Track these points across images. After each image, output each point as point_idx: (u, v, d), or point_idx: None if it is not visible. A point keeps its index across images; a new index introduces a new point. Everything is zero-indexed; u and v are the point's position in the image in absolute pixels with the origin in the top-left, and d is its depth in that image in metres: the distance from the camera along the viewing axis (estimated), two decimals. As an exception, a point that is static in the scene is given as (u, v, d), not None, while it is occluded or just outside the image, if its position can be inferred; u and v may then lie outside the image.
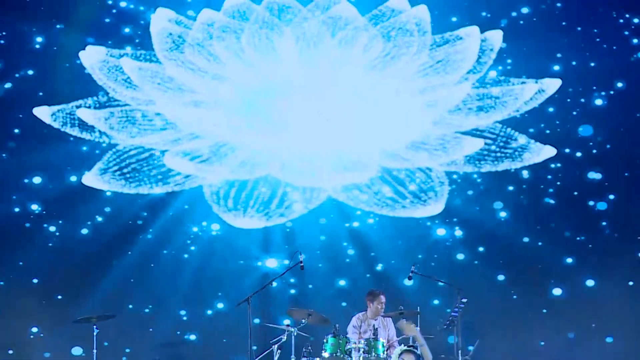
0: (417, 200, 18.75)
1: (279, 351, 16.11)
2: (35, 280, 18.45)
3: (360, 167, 18.85)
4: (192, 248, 18.78)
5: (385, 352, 15.79)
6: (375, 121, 18.79)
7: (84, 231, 18.58)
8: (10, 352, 18.21)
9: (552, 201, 18.74)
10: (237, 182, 18.77)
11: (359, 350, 15.73)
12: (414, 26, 18.94)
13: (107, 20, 18.97)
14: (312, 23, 18.93)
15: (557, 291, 18.22)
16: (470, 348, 16.74)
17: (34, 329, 18.25)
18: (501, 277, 18.38)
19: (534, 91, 18.74)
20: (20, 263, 18.53)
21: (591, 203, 18.73)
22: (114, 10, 19.02)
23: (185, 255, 18.72)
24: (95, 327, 16.63)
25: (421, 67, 18.95)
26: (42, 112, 18.71)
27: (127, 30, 18.95)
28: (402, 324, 14.86)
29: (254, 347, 17.31)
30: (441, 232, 18.72)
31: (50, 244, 18.61)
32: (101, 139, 18.64)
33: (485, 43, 18.99)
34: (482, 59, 19.00)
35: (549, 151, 18.71)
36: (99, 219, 18.58)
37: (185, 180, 18.75)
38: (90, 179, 18.63)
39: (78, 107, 18.70)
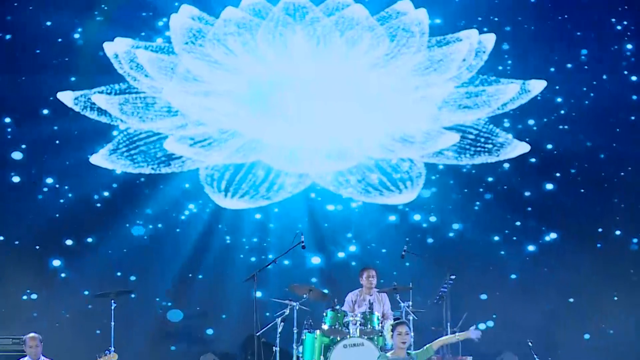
0: (394, 188, 18.71)
1: (282, 324, 16.29)
2: (37, 247, 18.49)
3: (345, 156, 18.81)
4: (183, 221, 18.78)
5: (380, 325, 15.95)
6: (368, 115, 18.76)
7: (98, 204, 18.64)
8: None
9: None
10: (232, 166, 18.77)
11: (356, 323, 15.90)
12: (415, 27, 18.93)
13: (139, 13, 18.96)
14: (323, 23, 18.94)
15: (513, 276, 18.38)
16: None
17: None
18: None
19: (516, 91, 18.72)
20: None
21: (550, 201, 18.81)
22: (145, 5, 19.03)
23: (178, 230, 18.75)
24: (113, 301, 16.61)
25: (417, 66, 18.92)
26: (66, 97, 18.68)
27: (158, 23, 18.98)
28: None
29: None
30: (417, 217, 18.75)
31: (57, 215, 18.69)
32: (115, 122, 18.69)
33: (478, 45, 18.93)
34: (474, 61, 18.92)
35: (523, 147, 18.71)
36: (106, 193, 18.63)
37: (183, 163, 18.74)
38: (98, 158, 18.64)
39: (100, 92, 18.77)
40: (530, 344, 15.95)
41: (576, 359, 18.17)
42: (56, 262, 18.60)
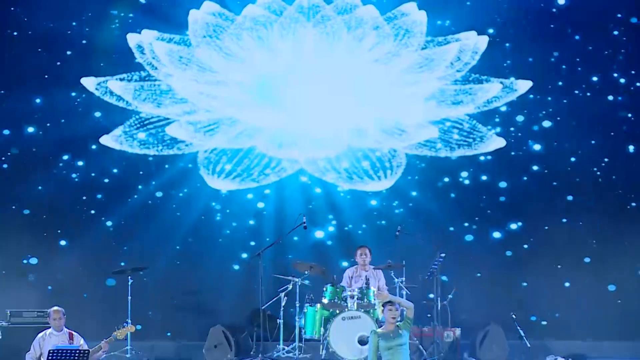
0: (375, 177, 18.64)
1: (285, 298, 16.54)
2: (44, 216, 18.50)
3: (335, 144, 18.71)
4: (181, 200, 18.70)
5: (375, 299, 16.01)
6: (361, 107, 18.66)
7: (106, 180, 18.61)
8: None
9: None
10: (229, 151, 18.69)
11: (353, 297, 16.08)
12: (416, 28, 18.84)
13: (165, 7, 18.86)
14: (333, 21, 18.80)
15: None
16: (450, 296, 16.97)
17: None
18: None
19: (499, 90, 18.60)
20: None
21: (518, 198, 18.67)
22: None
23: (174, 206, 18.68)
24: (129, 277, 16.85)
25: (413, 63, 18.81)
26: (89, 82, 18.66)
27: (180, 17, 18.84)
28: (379, 295, 15.14)
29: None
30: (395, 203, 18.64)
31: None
32: (130, 107, 18.66)
33: (472, 46, 18.77)
34: (466, 60, 18.80)
35: (500, 142, 18.59)
36: (115, 170, 18.60)
37: (186, 146, 18.66)
38: (108, 139, 18.61)
39: (121, 79, 18.72)
40: (513, 316, 16.22)
41: (553, 329, 18.04)
42: (63, 243, 18.53)
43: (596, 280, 18.28)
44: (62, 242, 18.50)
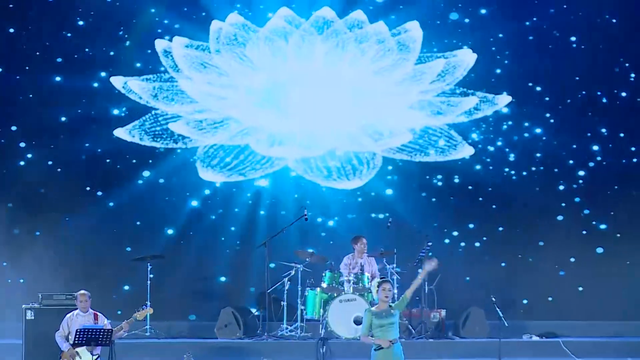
0: (352, 176, 18.62)
1: (288, 283, 16.74)
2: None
3: (319, 145, 18.65)
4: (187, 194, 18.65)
5: (369, 283, 16.22)
6: (353, 113, 18.62)
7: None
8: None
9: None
10: (227, 147, 18.63)
11: (349, 282, 16.32)
12: (413, 44, 18.77)
13: (190, 14, 18.74)
14: (342, 36, 18.76)
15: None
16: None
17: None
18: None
19: (475, 102, 18.56)
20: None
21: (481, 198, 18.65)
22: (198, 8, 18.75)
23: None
24: (149, 264, 16.92)
25: (407, 76, 18.78)
26: (117, 81, 18.56)
27: (203, 25, 18.74)
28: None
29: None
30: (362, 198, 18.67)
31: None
32: (148, 104, 18.58)
33: (459, 62, 18.72)
34: (455, 74, 18.73)
35: (469, 150, 18.63)
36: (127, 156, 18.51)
37: (190, 141, 18.59)
38: (120, 132, 18.52)
39: (147, 79, 18.62)
40: (493, 299, 15.96)
41: (531, 311, 18.10)
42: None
43: (554, 263, 18.45)
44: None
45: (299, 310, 16.73)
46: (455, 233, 18.59)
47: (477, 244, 18.54)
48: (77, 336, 13.97)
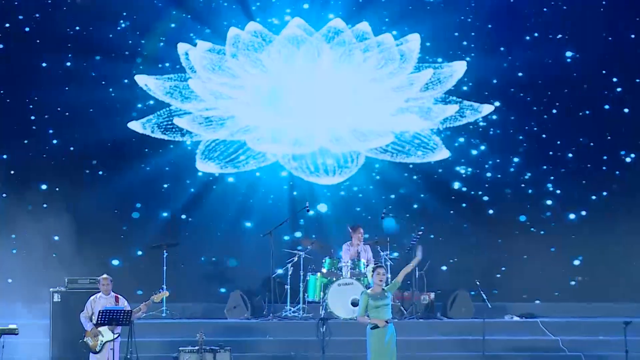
0: (332, 173, 18.48)
1: (291, 268, 16.86)
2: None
3: (308, 143, 18.55)
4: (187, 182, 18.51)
5: (365, 268, 16.36)
6: (343, 115, 18.51)
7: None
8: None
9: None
10: (227, 142, 18.51)
11: (347, 267, 16.42)
12: (409, 53, 18.60)
13: (213, 22, 18.61)
14: (349, 46, 18.65)
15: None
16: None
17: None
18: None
19: (455, 110, 18.43)
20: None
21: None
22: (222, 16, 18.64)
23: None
24: (165, 251, 17.05)
25: (401, 83, 18.65)
26: (141, 79, 18.47)
27: (220, 31, 18.59)
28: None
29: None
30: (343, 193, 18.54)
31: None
32: (162, 100, 18.45)
33: (449, 71, 18.56)
34: (445, 83, 18.57)
35: (445, 153, 18.52)
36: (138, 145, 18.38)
37: (195, 135, 18.46)
38: (134, 124, 18.41)
39: (169, 79, 18.54)
40: (477, 283, 16.40)
41: (512, 294, 17.99)
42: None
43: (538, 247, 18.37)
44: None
45: (301, 293, 16.84)
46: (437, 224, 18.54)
47: (464, 230, 18.55)
48: (100, 317, 14.05)
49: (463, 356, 15.79)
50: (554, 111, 18.64)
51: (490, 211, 18.63)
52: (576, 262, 18.38)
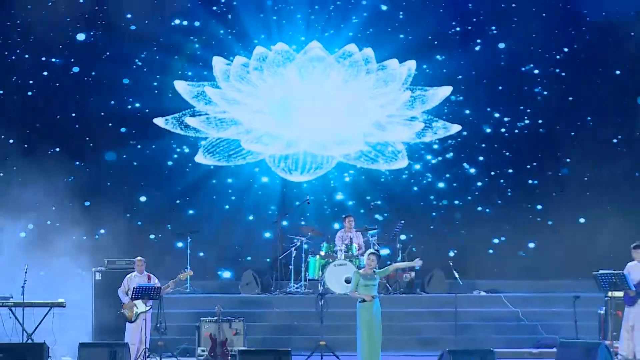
0: (300, 172, 18.26)
1: (295, 251, 16.87)
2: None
3: (292, 146, 18.29)
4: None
5: (357, 252, 16.36)
6: (328, 124, 18.28)
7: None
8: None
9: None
10: (225, 139, 18.27)
11: (341, 251, 16.48)
12: (405, 76, 18.32)
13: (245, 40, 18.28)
14: (356, 67, 18.36)
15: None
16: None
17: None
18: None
19: (422, 128, 18.22)
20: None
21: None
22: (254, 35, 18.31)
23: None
24: (189, 237, 17.04)
25: (397, 102, 18.39)
26: (179, 85, 18.24)
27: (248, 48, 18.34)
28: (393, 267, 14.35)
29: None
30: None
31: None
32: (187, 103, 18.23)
33: (431, 94, 18.31)
34: (431, 103, 18.33)
35: (404, 162, 18.29)
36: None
37: (200, 132, 18.23)
38: (159, 120, 18.13)
39: (202, 85, 18.23)
40: (451, 263, 16.26)
41: (480, 272, 17.74)
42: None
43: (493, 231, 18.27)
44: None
45: (302, 272, 16.84)
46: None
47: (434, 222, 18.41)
48: (134, 292, 14.18)
49: (439, 325, 15.82)
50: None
51: (458, 202, 18.54)
52: (531, 245, 18.33)
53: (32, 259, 15.22)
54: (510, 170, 18.47)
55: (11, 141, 17.90)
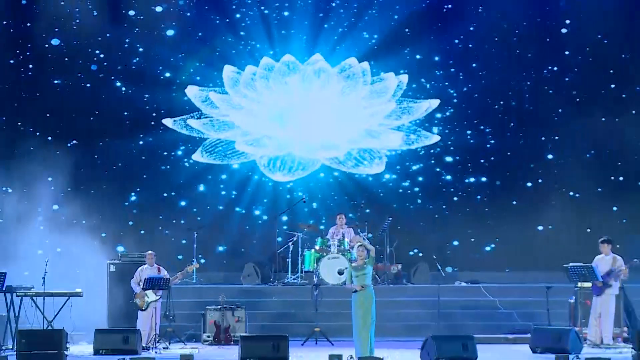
0: (284, 172, 18.22)
1: (292, 245, 16.90)
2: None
3: (280, 149, 18.19)
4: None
5: (349, 245, 16.22)
6: (317, 130, 18.13)
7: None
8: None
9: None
10: (223, 140, 18.18)
11: (334, 245, 16.45)
12: (395, 89, 18.21)
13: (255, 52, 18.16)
14: (356, 79, 18.25)
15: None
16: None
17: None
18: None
19: (402, 139, 18.14)
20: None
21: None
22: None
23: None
24: (195, 232, 16.95)
25: (384, 112, 18.29)
26: (191, 91, 18.11)
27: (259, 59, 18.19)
28: (354, 239, 14.72)
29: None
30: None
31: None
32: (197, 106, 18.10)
33: (423, 107, 18.19)
34: (416, 115, 18.22)
35: (380, 168, 18.19)
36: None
37: (203, 134, 18.10)
38: (168, 120, 17.91)
39: (212, 91, 18.15)
40: (434, 257, 16.30)
41: (461, 265, 17.84)
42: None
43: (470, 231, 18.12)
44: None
45: (299, 264, 16.84)
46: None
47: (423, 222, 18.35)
48: (146, 282, 14.37)
49: (423, 313, 15.87)
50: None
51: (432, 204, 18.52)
52: (498, 241, 18.24)
53: (53, 248, 15.38)
54: (483, 179, 18.38)
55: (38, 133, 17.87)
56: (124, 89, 18.04)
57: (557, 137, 18.18)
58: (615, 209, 17.75)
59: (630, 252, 14.59)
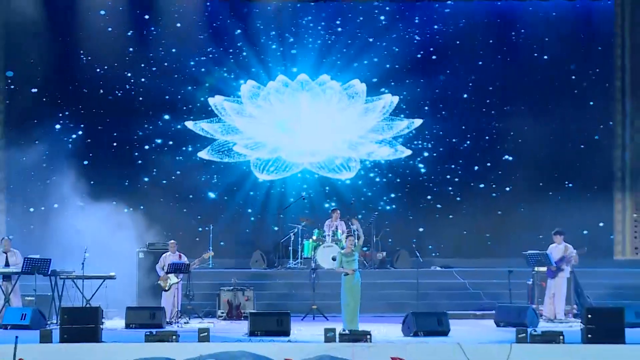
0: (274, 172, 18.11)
1: (293, 236, 16.87)
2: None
3: (268, 153, 18.07)
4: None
5: (341, 236, 16.18)
6: (307, 138, 18.07)
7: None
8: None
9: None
10: (227, 142, 18.01)
11: (329, 236, 16.46)
12: (386, 106, 18.10)
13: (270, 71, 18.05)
14: (352, 100, 18.15)
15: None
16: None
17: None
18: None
19: (389, 152, 18.02)
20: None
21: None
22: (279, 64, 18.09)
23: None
24: (211, 225, 16.83)
25: (374, 126, 18.24)
26: (215, 100, 18.02)
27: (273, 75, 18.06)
28: (354, 221, 14.07)
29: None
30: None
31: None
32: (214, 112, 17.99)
33: (404, 124, 18.11)
34: (403, 131, 18.11)
35: (349, 175, 18.12)
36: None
37: (213, 136, 17.93)
38: (189, 122, 17.82)
39: (235, 100, 18.09)
40: (414, 245, 16.42)
41: (437, 252, 17.82)
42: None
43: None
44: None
45: (299, 252, 16.85)
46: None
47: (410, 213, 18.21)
48: (169, 267, 14.37)
49: (404, 293, 15.84)
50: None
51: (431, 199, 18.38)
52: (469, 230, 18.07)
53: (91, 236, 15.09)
54: (456, 179, 18.30)
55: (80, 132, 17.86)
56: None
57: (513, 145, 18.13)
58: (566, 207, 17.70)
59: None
